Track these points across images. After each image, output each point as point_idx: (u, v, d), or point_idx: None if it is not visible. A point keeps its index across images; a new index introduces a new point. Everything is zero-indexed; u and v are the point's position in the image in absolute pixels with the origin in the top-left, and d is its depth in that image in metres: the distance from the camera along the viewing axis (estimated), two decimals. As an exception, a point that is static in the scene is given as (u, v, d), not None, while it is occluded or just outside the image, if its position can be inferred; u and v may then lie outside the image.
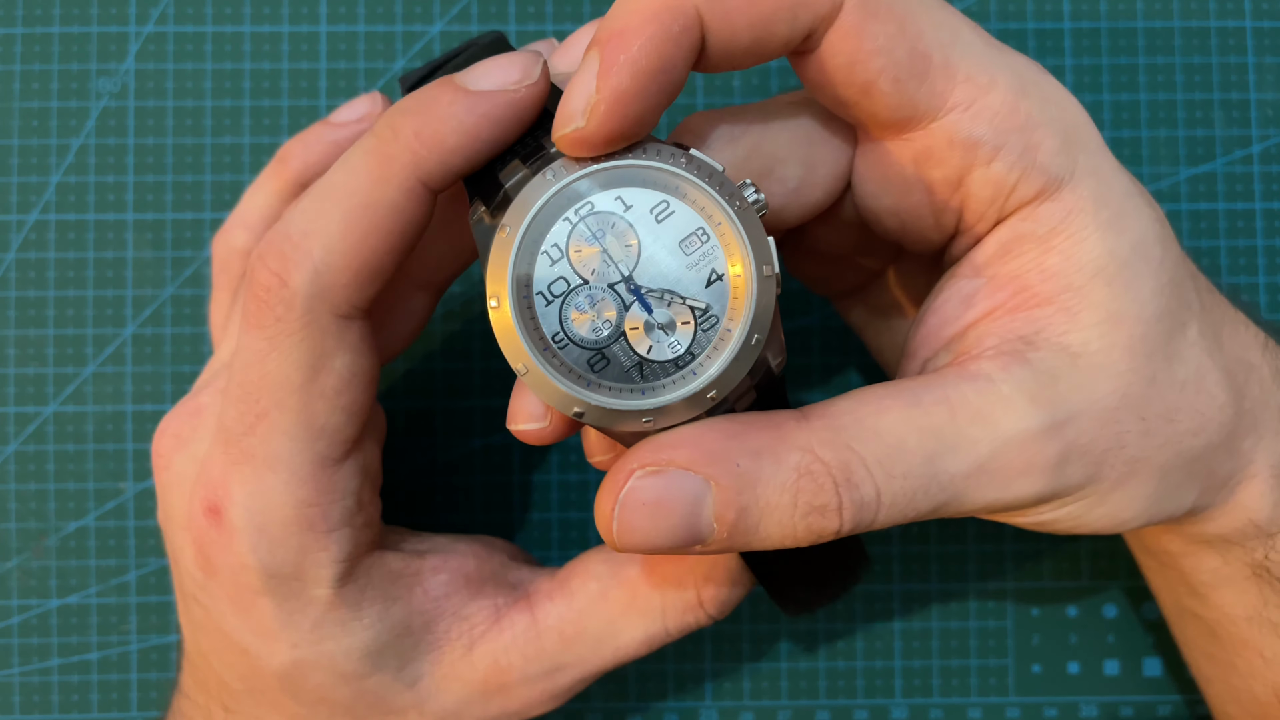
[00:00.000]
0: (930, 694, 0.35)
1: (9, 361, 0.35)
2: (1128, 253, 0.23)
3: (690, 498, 0.22)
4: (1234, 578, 0.27)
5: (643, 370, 0.22)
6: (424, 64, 0.26)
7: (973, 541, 0.36)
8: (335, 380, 0.24)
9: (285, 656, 0.26)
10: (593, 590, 0.28)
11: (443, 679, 0.27)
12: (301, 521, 0.25)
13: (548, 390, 0.22)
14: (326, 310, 0.24)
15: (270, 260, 0.23)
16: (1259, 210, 0.36)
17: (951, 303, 0.25)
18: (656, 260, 0.22)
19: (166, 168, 0.36)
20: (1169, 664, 0.35)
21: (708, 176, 0.22)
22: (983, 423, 0.22)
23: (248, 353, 0.24)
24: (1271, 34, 0.36)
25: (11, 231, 0.35)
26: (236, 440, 0.25)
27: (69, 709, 0.35)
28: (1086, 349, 0.23)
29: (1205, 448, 0.25)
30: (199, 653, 0.28)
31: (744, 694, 0.36)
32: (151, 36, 0.36)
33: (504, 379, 0.36)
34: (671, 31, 0.21)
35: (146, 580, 0.35)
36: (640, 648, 0.28)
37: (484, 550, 0.29)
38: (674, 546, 0.22)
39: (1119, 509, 0.24)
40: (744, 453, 0.22)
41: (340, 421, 0.25)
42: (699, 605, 0.27)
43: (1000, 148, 0.23)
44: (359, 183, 0.23)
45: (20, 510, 0.35)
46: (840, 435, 0.22)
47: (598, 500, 0.22)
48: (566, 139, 0.22)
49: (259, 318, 0.24)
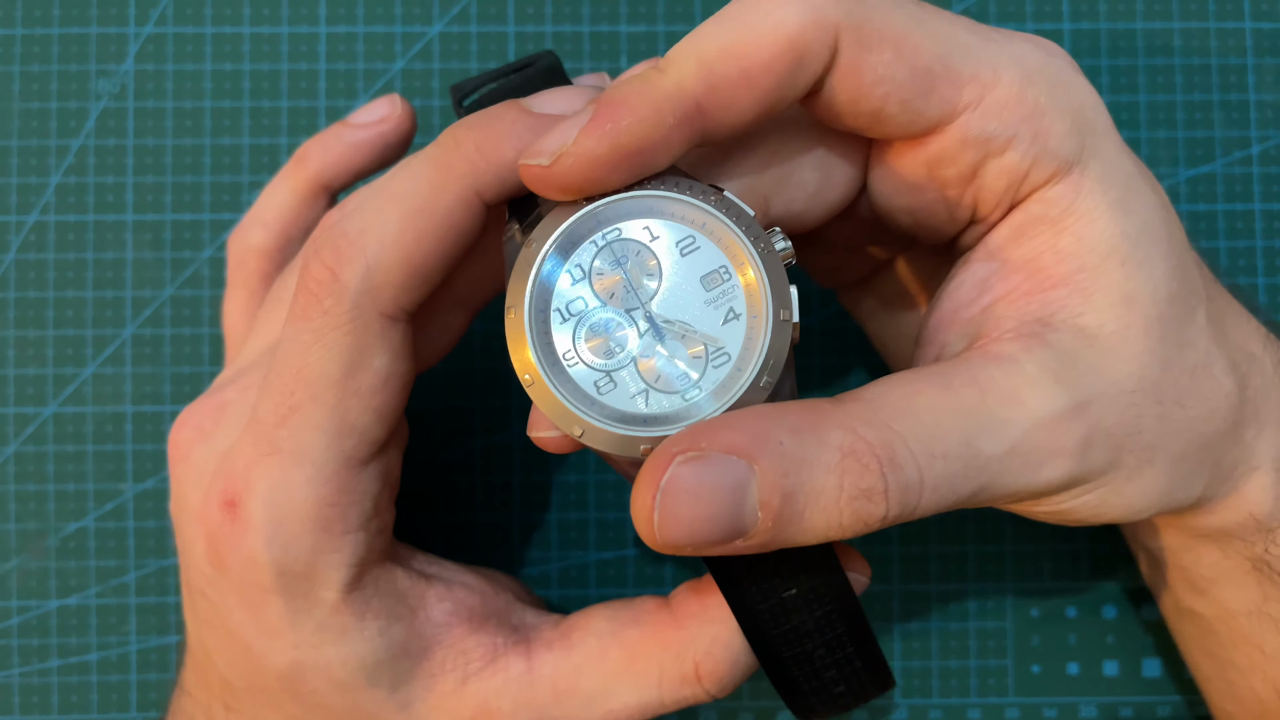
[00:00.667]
0: (930, 694, 0.35)
1: (9, 362, 0.35)
2: (1138, 232, 0.23)
3: (734, 483, 0.21)
4: (1234, 572, 0.27)
5: (648, 399, 0.22)
6: (478, 74, 0.27)
7: (972, 541, 0.36)
8: (372, 379, 0.24)
9: (287, 657, 0.26)
10: (591, 646, 0.27)
11: (433, 710, 0.27)
12: (320, 520, 0.25)
13: (551, 405, 0.22)
14: (374, 308, 0.24)
15: (325, 254, 0.24)
16: (1258, 211, 0.36)
17: (966, 287, 0.25)
18: (676, 293, 0.23)
19: (166, 168, 0.36)
20: (1169, 664, 0.35)
21: (736, 218, 0.23)
22: (1013, 404, 0.22)
23: (290, 344, 0.24)
24: (1271, 35, 0.36)
25: (11, 232, 0.35)
26: (266, 432, 0.25)
27: (69, 709, 0.35)
28: (1102, 331, 0.23)
29: (1214, 435, 0.25)
30: (202, 649, 0.28)
31: (744, 694, 0.36)
32: (151, 37, 0.36)
33: (504, 380, 0.36)
34: (664, 123, 0.21)
35: (146, 581, 0.35)
36: (632, 714, 0.27)
37: (490, 586, 0.29)
38: (716, 539, 0.21)
39: (1136, 496, 0.24)
40: (785, 431, 0.21)
41: (370, 422, 0.25)
42: (696, 679, 0.26)
43: (1011, 138, 0.23)
44: (418, 188, 0.24)
45: (20, 511, 0.35)
46: (878, 415, 0.22)
47: (636, 492, 0.21)
48: (526, 169, 0.22)
49: (306, 310, 0.24)
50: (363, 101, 0.36)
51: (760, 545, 0.22)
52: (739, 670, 0.27)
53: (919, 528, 0.36)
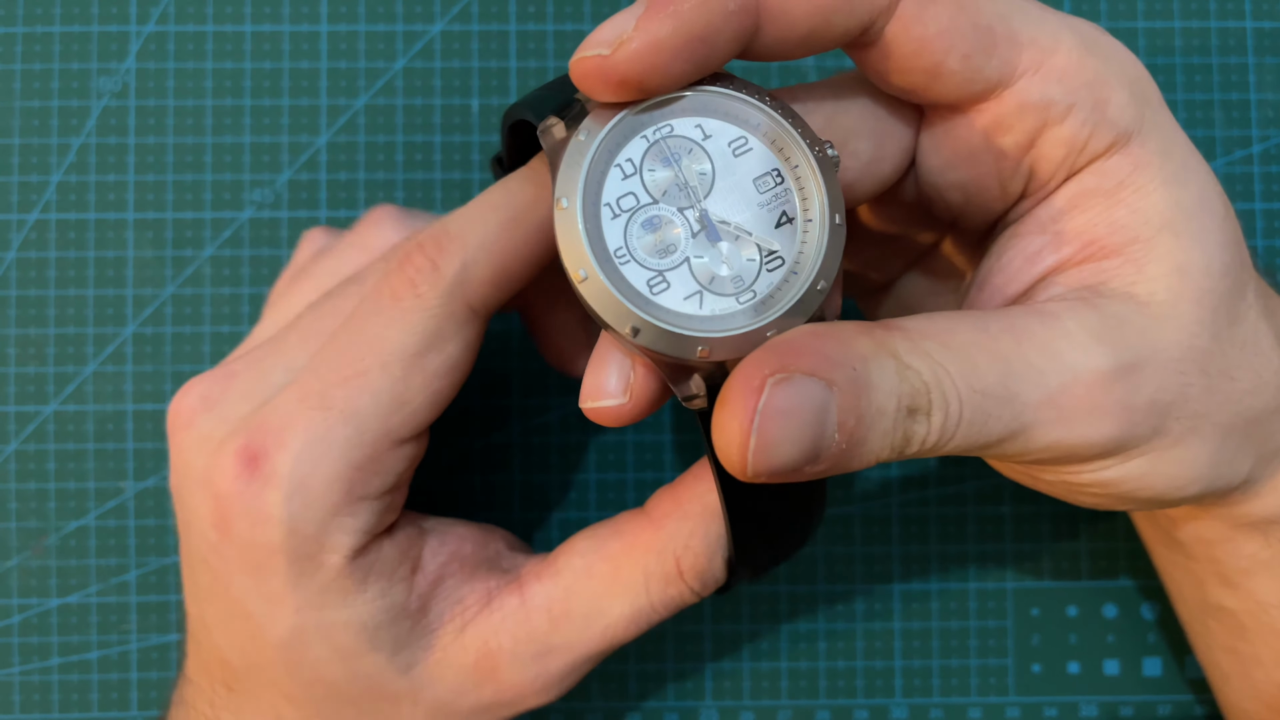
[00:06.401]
0: (930, 694, 0.35)
1: (9, 361, 0.35)
2: (1193, 206, 0.23)
3: (818, 405, 0.20)
4: (1272, 562, 0.27)
5: (702, 301, 0.22)
6: (532, 92, 0.26)
7: (972, 541, 0.36)
8: (441, 362, 0.26)
9: (288, 622, 0.26)
10: (578, 567, 0.27)
11: (435, 665, 0.27)
12: (345, 483, 0.25)
13: (605, 302, 0.21)
14: (463, 299, 0.26)
15: (428, 248, 0.26)
16: (1259, 210, 0.36)
17: (1016, 261, 0.24)
18: (729, 193, 0.22)
19: (167, 167, 0.36)
20: (1169, 664, 0.35)
21: (791, 119, 0.22)
22: (1049, 355, 0.22)
23: (372, 317, 0.26)
24: (1271, 34, 0.36)
25: (12, 231, 0.35)
26: (325, 389, 0.25)
27: (69, 709, 0.35)
28: (1154, 299, 0.23)
29: (1263, 410, 0.25)
30: (203, 626, 0.28)
31: (744, 694, 0.36)
32: (152, 36, 0.36)
33: (504, 380, 0.36)
34: (727, 7, 0.21)
35: (147, 580, 0.35)
36: (628, 625, 0.27)
37: (482, 536, 0.29)
38: (801, 463, 0.21)
39: (1181, 469, 0.24)
40: (855, 357, 0.21)
41: (423, 403, 0.26)
42: (679, 575, 0.27)
43: (1071, 105, 0.23)
44: (515, 200, 0.26)
45: (20, 510, 0.35)
46: (921, 345, 0.22)
47: (723, 418, 0.21)
48: (583, 63, 0.21)
49: (399, 291, 0.25)
50: (364, 100, 0.36)
51: (826, 469, 0.21)
52: (717, 562, 0.27)
53: (919, 528, 0.36)
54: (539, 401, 0.36)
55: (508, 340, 0.36)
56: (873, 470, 0.36)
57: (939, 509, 0.36)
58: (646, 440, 0.36)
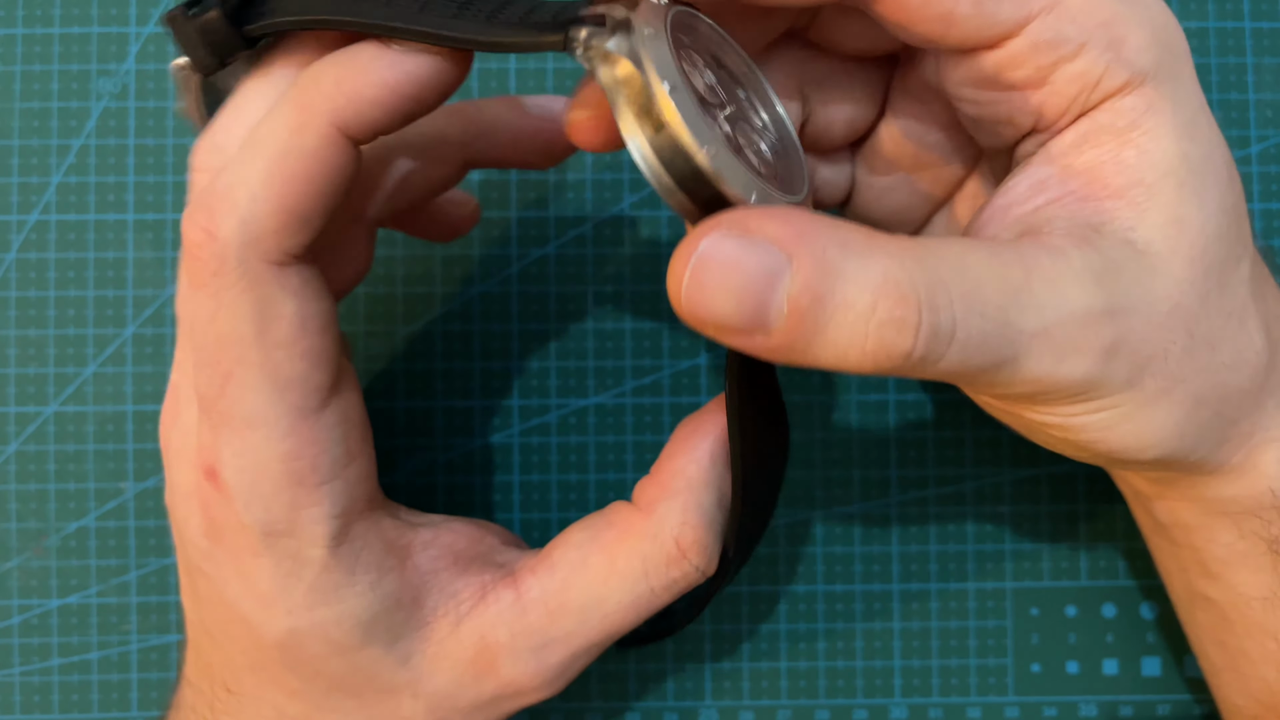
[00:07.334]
0: (930, 694, 0.35)
1: (9, 361, 0.35)
2: (1199, 162, 0.23)
3: (768, 269, 0.20)
4: (1249, 554, 0.27)
5: (757, 169, 0.23)
6: None
7: (972, 541, 0.36)
8: (288, 328, 0.24)
9: (282, 624, 0.26)
10: (573, 559, 0.27)
11: (433, 658, 0.27)
12: (290, 476, 0.25)
13: (680, 118, 0.21)
14: (259, 259, 0.23)
15: (198, 216, 0.23)
16: (1258, 210, 0.36)
17: (1022, 186, 0.25)
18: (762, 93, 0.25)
19: (167, 168, 0.36)
20: (1168, 664, 0.35)
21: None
22: (1054, 290, 0.22)
23: (198, 316, 0.24)
24: (1271, 34, 0.36)
25: (12, 232, 0.36)
26: (212, 405, 0.25)
27: (69, 709, 0.35)
28: (1150, 249, 0.23)
29: (1238, 389, 0.25)
30: (203, 631, 0.28)
31: (744, 694, 0.36)
32: (152, 37, 0.36)
33: (504, 380, 0.36)
34: None
35: (147, 580, 0.35)
36: (628, 614, 0.27)
37: (476, 531, 0.29)
38: (738, 325, 0.21)
39: (1148, 426, 0.24)
40: (834, 243, 0.21)
41: (305, 369, 0.24)
42: (680, 555, 0.26)
43: (1085, 43, 0.23)
44: (278, 132, 0.23)
45: (20, 510, 0.35)
46: (926, 259, 0.21)
47: (674, 260, 0.21)
48: None
49: (197, 276, 0.24)
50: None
51: (778, 348, 0.21)
52: (715, 532, 0.27)
53: (919, 528, 0.36)
54: (539, 402, 0.36)
55: (508, 340, 0.36)
56: (872, 470, 0.36)
57: (938, 509, 0.36)
58: (647, 440, 0.36)
